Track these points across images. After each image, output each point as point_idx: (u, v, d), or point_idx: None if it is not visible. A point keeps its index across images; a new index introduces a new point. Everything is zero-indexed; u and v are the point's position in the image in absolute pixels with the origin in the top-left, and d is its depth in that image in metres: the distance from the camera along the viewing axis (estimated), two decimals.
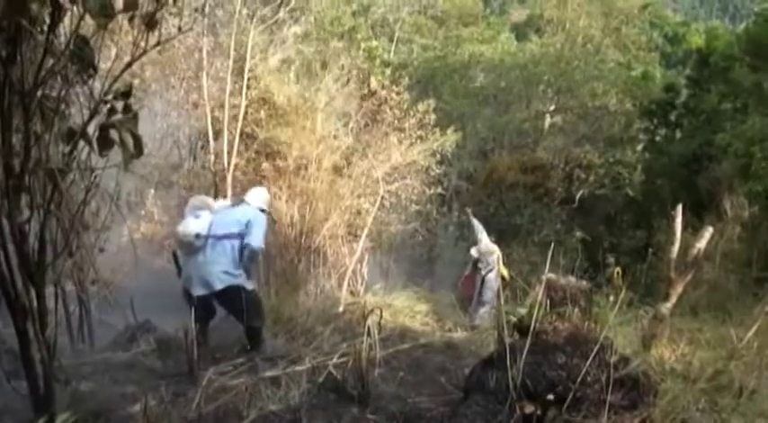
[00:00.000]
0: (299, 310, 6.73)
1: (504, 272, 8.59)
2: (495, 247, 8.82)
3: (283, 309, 6.65)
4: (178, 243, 5.43)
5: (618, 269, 12.19)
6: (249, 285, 5.35)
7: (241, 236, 5.31)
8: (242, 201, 5.74)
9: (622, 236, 16.73)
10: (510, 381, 3.59)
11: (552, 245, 4.81)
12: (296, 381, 4.22)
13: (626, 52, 20.58)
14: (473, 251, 8.73)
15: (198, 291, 5.19)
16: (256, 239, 5.38)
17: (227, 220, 5.35)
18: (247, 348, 5.26)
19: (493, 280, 8.46)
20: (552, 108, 19.59)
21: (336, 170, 9.54)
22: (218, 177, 8.68)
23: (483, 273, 8.58)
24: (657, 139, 18.39)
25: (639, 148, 18.96)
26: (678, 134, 17.49)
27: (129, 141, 3.19)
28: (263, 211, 5.68)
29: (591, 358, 3.64)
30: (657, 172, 16.75)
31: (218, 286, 5.16)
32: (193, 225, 5.25)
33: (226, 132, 8.45)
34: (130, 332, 5.90)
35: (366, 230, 9.33)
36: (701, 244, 5.31)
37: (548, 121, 19.47)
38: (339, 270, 9.04)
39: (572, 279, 5.78)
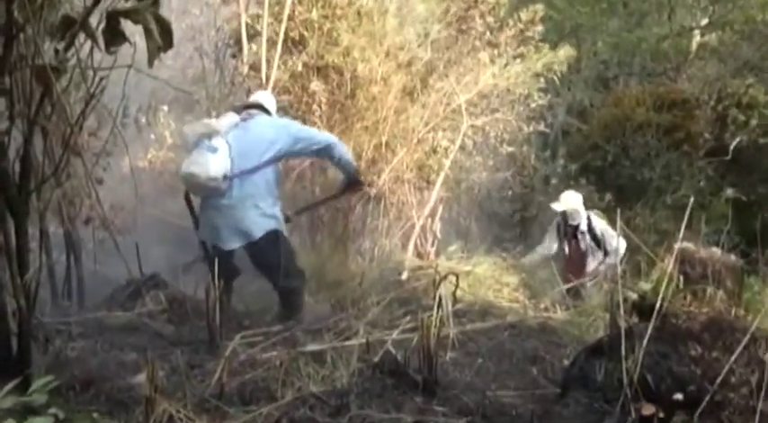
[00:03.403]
0: (349, 272, 6.82)
1: None
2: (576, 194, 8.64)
3: (328, 270, 6.76)
4: (193, 186, 5.47)
5: None
6: (283, 228, 5.44)
7: (275, 159, 5.39)
8: (253, 108, 5.75)
9: None
10: (624, 375, 3.59)
11: (690, 207, 4.69)
12: (344, 359, 4.29)
13: None
14: (555, 205, 8.50)
15: (231, 243, 5.29)
16: (322, 136, 5.61)
17: (256, 145, 5.37)
18: (283, 316, 5.37)
19: (604, 224, 8.36)
20: (704, 22, 18.90)
21: (408, 93, 9.47)
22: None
23: (583, 227, 8.43)
24: None
25: None
26: None
27: (155, 29, 3.21)
28: None
29: (737, 353, 3.59)
30: None
31: (258, 233, 5.25)
32: (215, 163, 5.17)
33: (265, 37, 8.44)
34: (133, 288, 6.05)
35: (442, 176, 9.31)
36: None
37: (696, 40, 18.80)
38: (404, 225, 9.09)
39: (716, 252, 5.68)
